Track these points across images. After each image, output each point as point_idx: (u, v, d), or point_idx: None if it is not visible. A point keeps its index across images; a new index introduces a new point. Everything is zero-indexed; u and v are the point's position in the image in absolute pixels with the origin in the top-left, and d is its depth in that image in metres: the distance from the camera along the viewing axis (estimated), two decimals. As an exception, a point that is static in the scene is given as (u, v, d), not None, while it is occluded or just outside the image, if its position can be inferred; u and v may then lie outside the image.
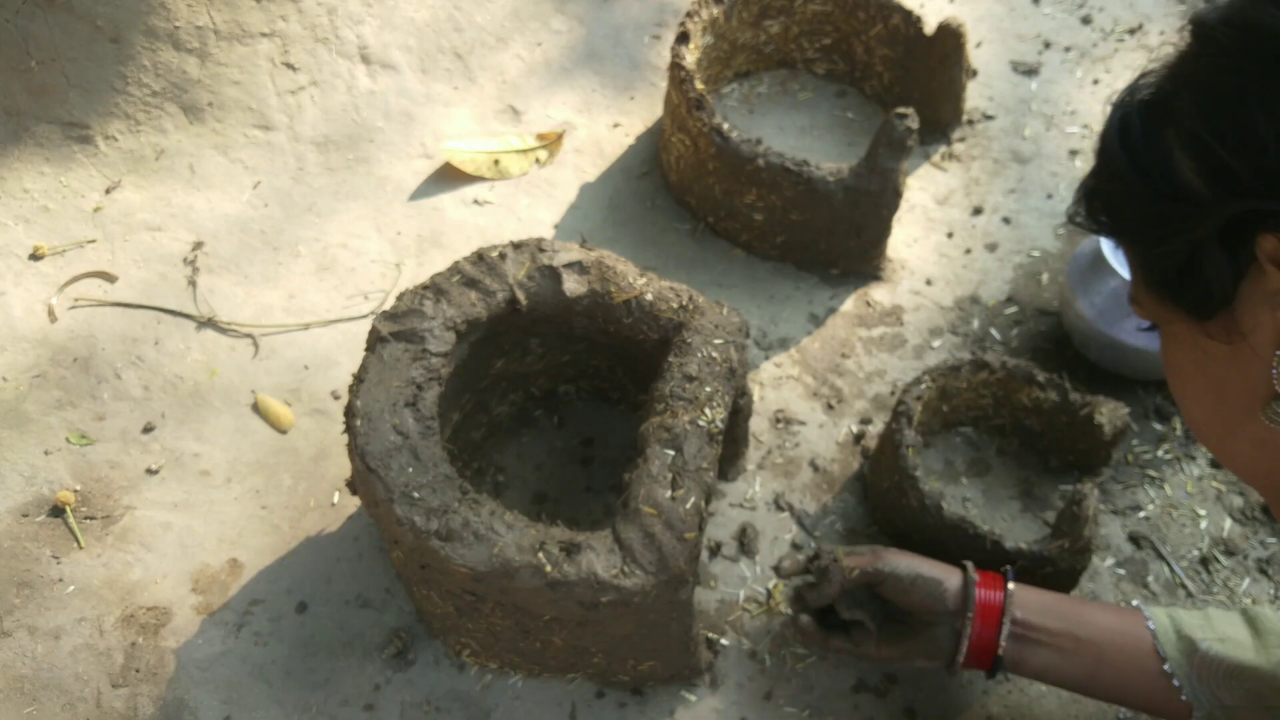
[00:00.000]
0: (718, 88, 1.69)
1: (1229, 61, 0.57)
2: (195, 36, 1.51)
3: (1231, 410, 0.65)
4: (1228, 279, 0.59)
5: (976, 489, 1.27)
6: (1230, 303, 0.60)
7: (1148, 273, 0.66)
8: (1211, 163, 0.58)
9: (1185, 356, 0.67)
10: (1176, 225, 0.60)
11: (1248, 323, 0.60)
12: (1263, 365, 0.60)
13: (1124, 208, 0.66)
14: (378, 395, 0.99)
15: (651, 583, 0.91)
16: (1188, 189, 0.59)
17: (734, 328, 1.08)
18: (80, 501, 1.19)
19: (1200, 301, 0.61)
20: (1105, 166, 0.67)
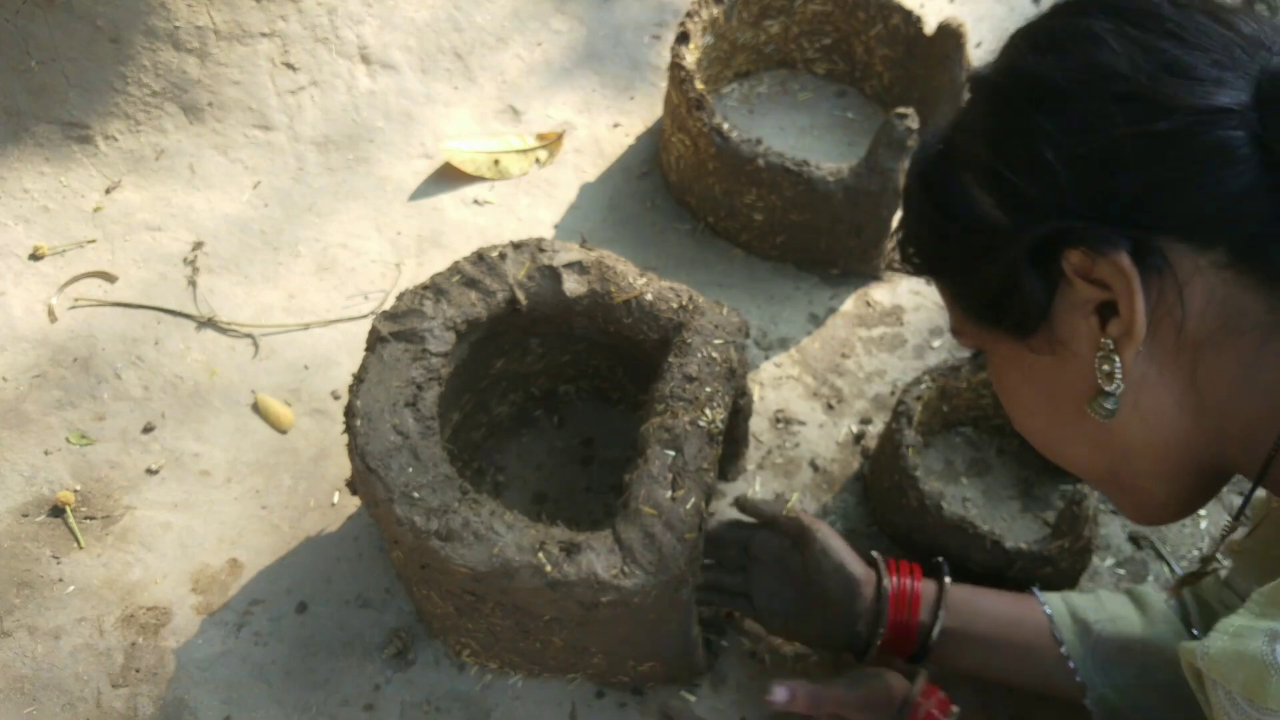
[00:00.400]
0: (718, 88, 1.69)
1: (1008, 105, 0.64)
2: (195, 36, 1.51)
3: (1065, 415, 0.69)
4: (1042, 296, 0.64)
5: (976, 489, 1.27)
6: (1047, 317, 0.65)
7: (966, 304, 0.71)
8: (1009, 194, 0.63)
9: (1014, 374, 0.72)
10: (987, 254, 0.66)
11: (1066, 332, 0.65)
12: (1086, 367, 0.64)
13: (936, 247, 0.72)
14: (378, 395, 0.99)
15: (651, 583, 0.91)
16: (992, 221, 0.65)
17: (734, 328, 1.08)
18: (80, 501, 1.19)
19: (1020, 320, 0.66)
20: (914, 215, 0.73)
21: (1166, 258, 0.59)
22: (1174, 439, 0.66)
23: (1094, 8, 0.64)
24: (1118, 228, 0.59)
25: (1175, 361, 0.62)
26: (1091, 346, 0.64)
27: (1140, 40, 0.60)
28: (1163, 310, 0.60)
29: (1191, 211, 0.58)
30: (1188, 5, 0.62)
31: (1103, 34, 0.61)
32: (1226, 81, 0.58)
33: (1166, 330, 0.61)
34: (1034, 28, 0.67)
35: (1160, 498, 0.71)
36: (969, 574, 1.15)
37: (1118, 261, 0.59)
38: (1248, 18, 0.62)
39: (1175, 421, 0.65)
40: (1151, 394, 0.64)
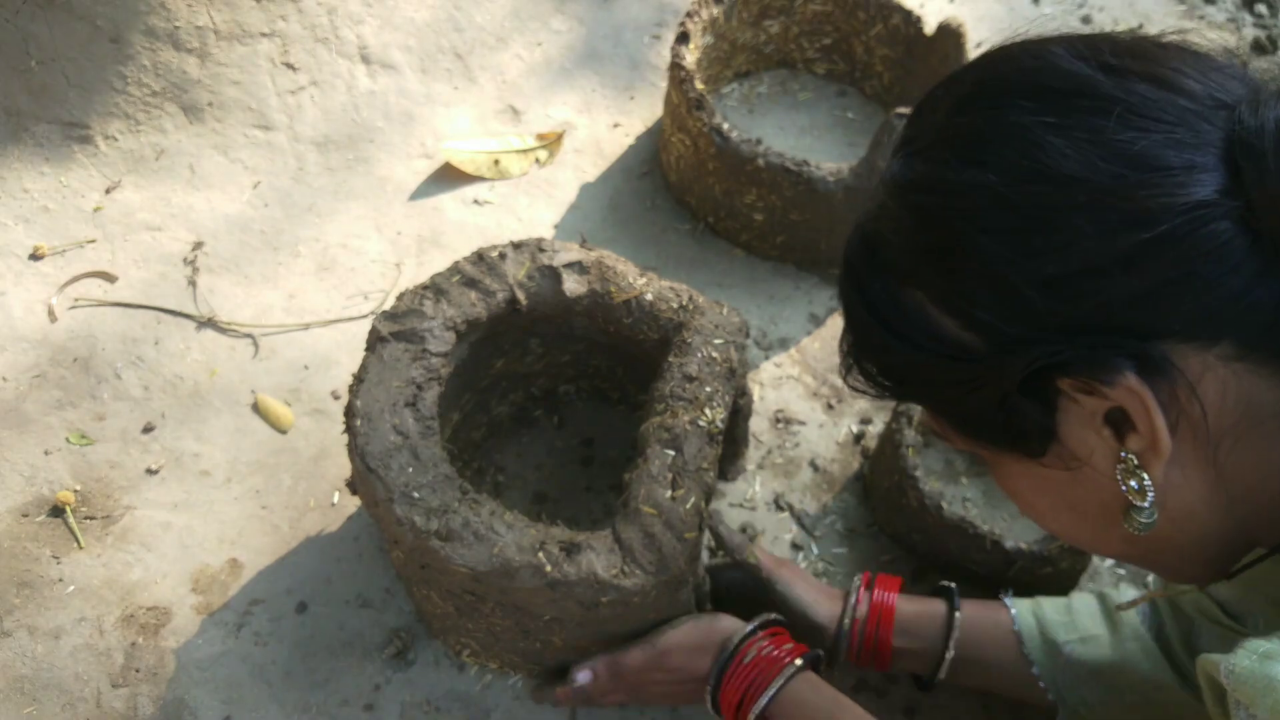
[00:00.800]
0: (718, 88, 1.69)
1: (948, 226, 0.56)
2: (195, 36, 1.51)
3: (1092, 522, 0.64)
4: (1043, 418, 0.58)
5: (976, 489, 1.27)
6: (1054, 436, 0.59)
7: (954, 424, 0.64)
8: (978, 323, 0.57)
9: (1024, 484, 0.65)
10: (968, 384, 0.59)
11: (1079, 447, 0.59)
12: (1108, 479, 0.59)
13: (904, 374, 0.63)
14: (378, 395, 0.99)
15: (651, 583, 0.91)
16: (964, 346, 0.58)
17: (734, 328, 1.08)
18: (80, 501, 1.19)
19: (1023, 444, 0.60)
20: (866, 337, 0.64)
21: (1173, 361, 0.54)
22: (1204, 531, 0.61)
23: (1012, 95, 0.56)
24: (1113, 343, 0.54)
25: (1198, 460, 0.58)
26: (1110, 460, 0.58)
27: (1083, 130, 0.53)
28: (1178, 414, 0.55)
29: (1189, 314, 0.53)
30: (1122, 71, 0.55)
31: (1037, 130, 0.54)
32: (1197, 165, 0.52)
33: (1185, 432, 0.56)
34: (951, 132, 0.58)
35: (1195, 571, 0.67)
36: (969, 574, 1.15)
37: (1125, 383, 0.54)
38: (1190, 68, 0.55)
39: (1205, 517, 0.60)
40: (1178, 495, 0.59)
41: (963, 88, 0.59)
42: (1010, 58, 0.60)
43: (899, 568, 1.20)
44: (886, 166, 0.62)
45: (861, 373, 0.66)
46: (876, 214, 0.62)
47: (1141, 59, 0.56)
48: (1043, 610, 0.98)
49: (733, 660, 0.92)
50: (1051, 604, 0.99)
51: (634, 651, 0.97)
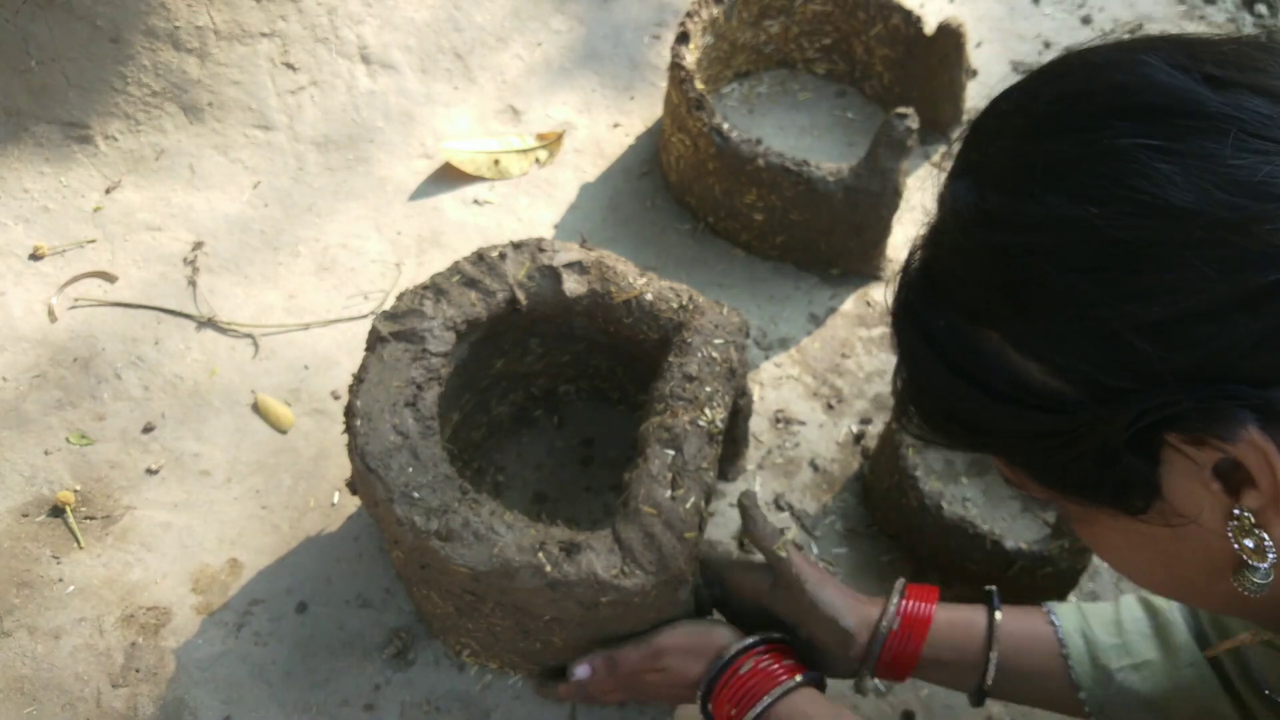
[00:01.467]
0: (718, 88, 1.69)
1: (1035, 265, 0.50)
2: (195, 36, 1.51)
3: (1191, 578, 0.59)
4: (1146, 474, 0.52)
5: (976, 489, 1.27)
6: (1158, 493, 0.53)
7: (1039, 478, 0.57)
8: (1069, 370, 0.51)
9: (1118, 541, 0.59)
10: (1059, 437, 0.53)
11: (1184, 503, 0.53)
12: (1217, 537, 0.53)
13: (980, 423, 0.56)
14: (378, 395, 0.99)
15: (651, 582, 0.91)
16: (1052, 394, 0.52)
17: (734, 328, 1.08)
18: (80, 501, 1.19)
19: (1122, 500, 0.54)
20: (917, 371, 0.57)
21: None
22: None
23: (1105, 114, 0.50)
24: (1232, 394, 0.48)
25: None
26: (1221, 516, 0.52)
27: (1195, 155, 0.47)
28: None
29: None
30: (1229, 84, 0.48)
31: (1140, 155, 0.47)
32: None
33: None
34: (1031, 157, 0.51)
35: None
36: (969, 574, 1.15)
37: (1246, 437, 0.48)
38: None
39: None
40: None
41: (1039, 105, 0.53)
42: (1095, 69, 0.52)
43: (899, 568, 1.20)
44: (945, 192, 0.55)
45: (921, 417, 0.59)
46: (937, 243, 0.56)
47: (1248, 69, 0.49)
48: (1092, 630, 0.90)
49: (727, 670, 0.91)
50: (1100, 621, 0.91)
51: (629, 649, 0.96)
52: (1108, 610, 0.92)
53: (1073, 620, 0.91)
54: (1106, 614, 0.92)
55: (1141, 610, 0.91)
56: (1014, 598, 1.15)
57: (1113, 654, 0.89)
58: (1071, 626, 0.91)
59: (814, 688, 0.91)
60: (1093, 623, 0.91)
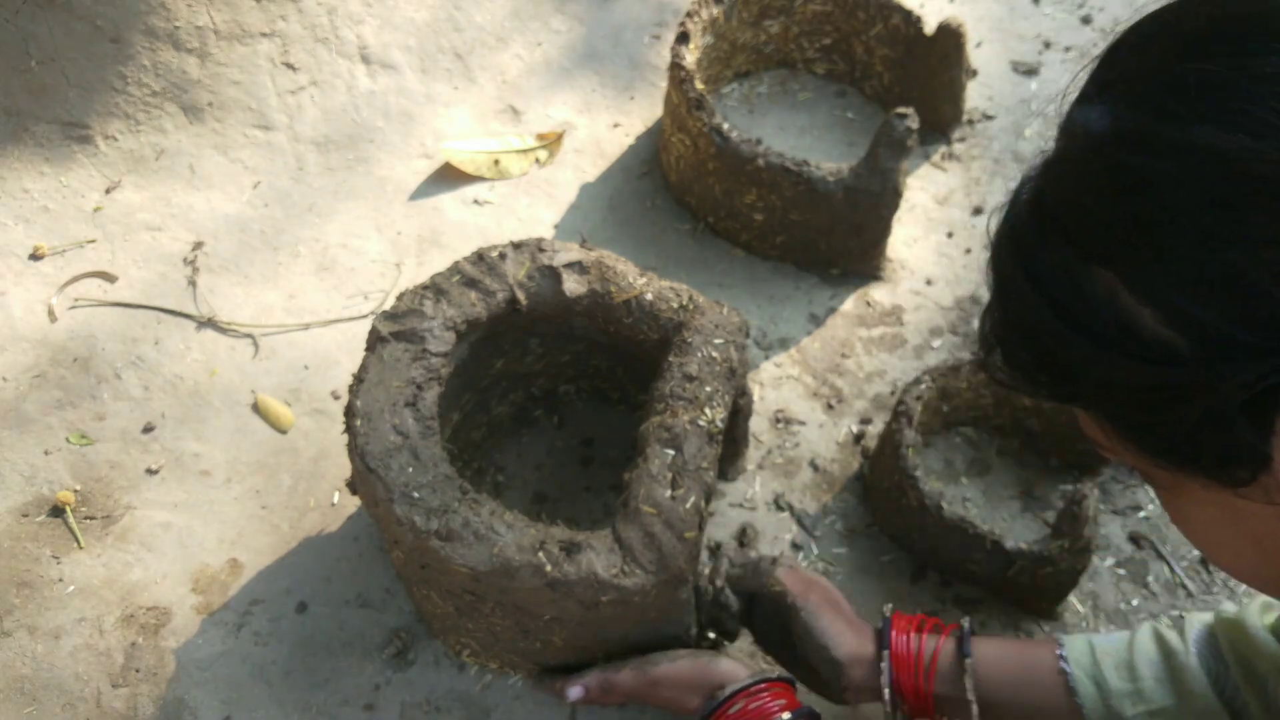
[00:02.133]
0: (718, 88, 1.69)
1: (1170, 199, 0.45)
2: (195, 36, 1.51)
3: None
4: (1257, 443, 0.47)
5: (976, 489, 1.27)
6: (1267, 465, 0.47)
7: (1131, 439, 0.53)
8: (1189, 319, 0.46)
9: (1206, 513, 0.55)
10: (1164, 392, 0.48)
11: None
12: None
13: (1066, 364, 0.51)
14: (378, 395, 0.99)
15: (651, 582, 0.91)
16: (1162, 345, 0.47)
17: (734, 328, 1.08)
18: (80, 501, 1.19)
19: (1224, 471, 0.49)
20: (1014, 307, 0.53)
21: None
22: None
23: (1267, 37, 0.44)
24: None
25: None
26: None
27: None
28: None
29: None
30: None
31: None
32: None
33: None
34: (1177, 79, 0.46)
35: None
36: (969, 574, 1.15)
37: None
38: None
39: None
40: None
41: (1190, 24, 0.48)
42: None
43: (899, 568, 1.20)
44: (1072, 115, 0.50)
45: (1007, 358, 0.54)
46: (1056, 172, 0.51)
47: None
48: (1104, 674, 0.87)
49: (719, 709, 0.90)
50: (1113, 662, 0.87)
51: (627, 673, 0.96)
52: (1121, 650, 0.88)
53: (1085, 661, 0.88)
54: (1120, 654, 0.88)
55: (1157, 653, 0.87)
56: (1014, 598, 1.16)
57: (1126, 700, 0.85)
58: (1083, 670, 0.87)
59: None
60: (1105, 665, 0.87)
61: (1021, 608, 1.16)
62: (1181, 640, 0.87)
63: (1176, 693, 0.84)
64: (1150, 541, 1.23)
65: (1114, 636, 0.90)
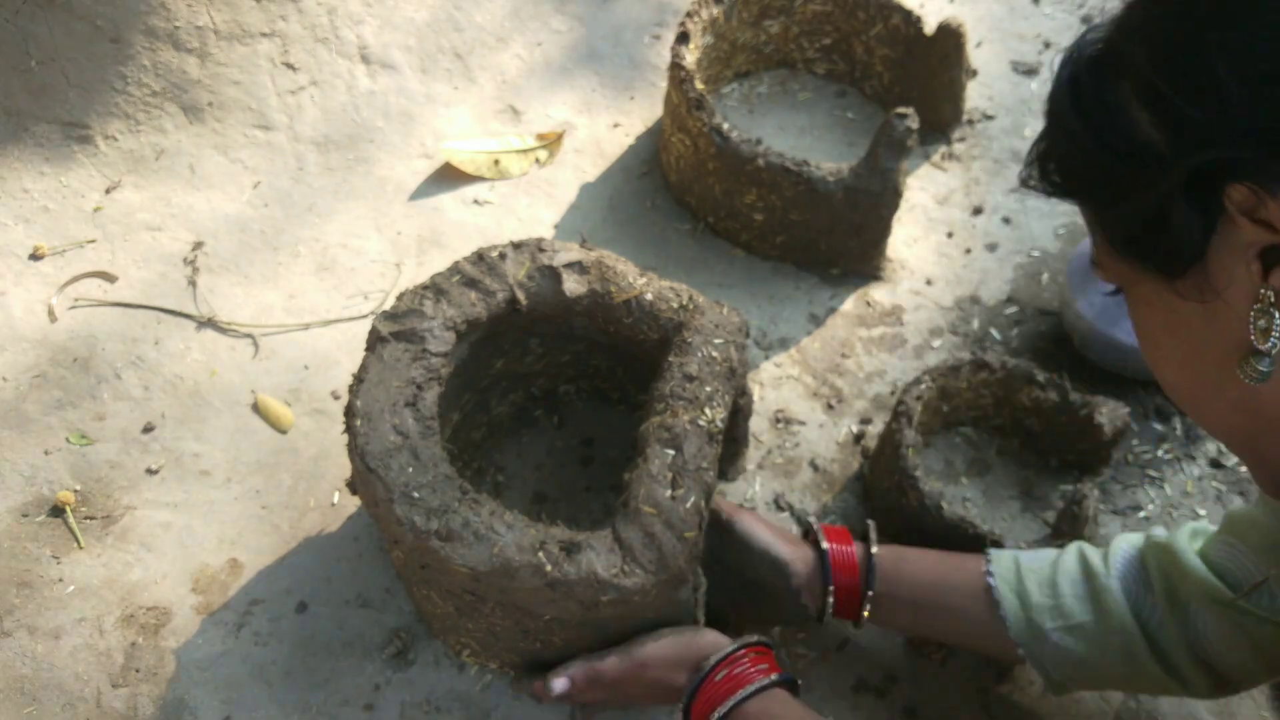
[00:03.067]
0: (718, 88, 1.69)
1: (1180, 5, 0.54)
2: (195, 36, 1.51)
3: (1209, 371, 0.62)
4: (1197, 234, 0.56)
5: (976, 489, 1.27)
6: (1201, 258, 0.57)
7: (1110, 233, 0.63)
8: (1169, 113, 0.55)
9: (1156, 319, 0.64)
10: (1137, 182, 0.57)
11: (1221, 278, 0.56)
12: (1239, 321, 0.57)
13: (1079, 167, 0.63)
14: (378, 395, 0.99)
15: (651, 582, 0.91)
16: (1146, 143, 0.56)
17: (734, 327, 1.08)
18: (80, 501, 1.19)
19: (1169, 259, 0.58)
20: (1057, 126, 0.64)
21: None
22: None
23: None
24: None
25: None
26: (1248, 297, 0.56)
27: None
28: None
29: None
30: None
31: None
32: None
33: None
34: None
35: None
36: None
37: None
38: None
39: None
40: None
41: None
42: None
43: (899, 568, 1.20)
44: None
45: (1041, 173, 0.65)
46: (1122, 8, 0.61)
47: None
48: (1026, 588, 0.95)
49: (704, 680, 0.92)
50: (1036, 579, 0.96)
51: (612, 660, 0.96)
52: (1045, 567, 0.96)
53: (1009, 576, 0.96)
54: (1043, 571, 0.96)
55: (1079, 572, 0.95)
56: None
57: (1046, 614, 0.93)
58: (1007, 584, 0.95)
59: (785, 689, 0.92)
60: (1028, 580, 0.95)
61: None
62: (1104, 563, 0.94)
63: (1094, 610, 0.92)
64: (1150, 541, 1.23)
65: (1040, 553, 0.98)
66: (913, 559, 1.01)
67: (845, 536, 1.03)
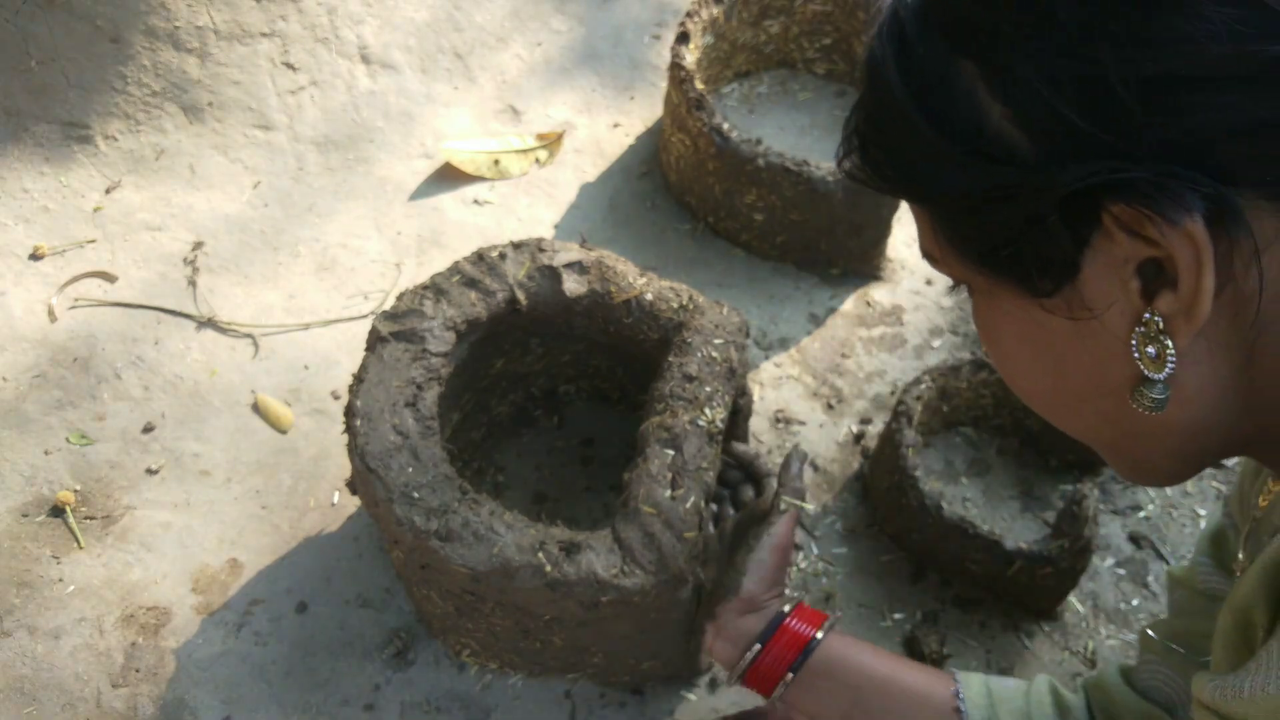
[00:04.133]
0: (718, 88, 1.69)
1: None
2: (195, 36, 1.51)
3: (1073, 387, 0.55)
4: (1070, 252, 0.48)
5: (976, 489, 1.27)
6: (1074, 276, 0.49)
7: (956, 241, 0.53)
8: (1037, 114, 0.46)
9: (1010, 327, 0.55)
10: (994, 191, 0.48)
11: (1095, 295, 0.49)
12: (1116, 344, 0.50)
13: (915, 162, 0.51)
14: (378, 395, 0.99)
15: (651, 582, 0.91)
16: (1003, 142, 0.47)
17: (734, 328, 1.08)
18: (80, 501, 1.19)
19: (1032, 277, 0.50)
20: (879, 99, 0.52)
21: (1245, 219, 0.44)
22: (1209, 422, 0.52)
23: None
24: (1190, 179, 0.43)
25: (1231, 339, 0.49)
26: (1128, 319, 0.49)
27: None
28: (1228, 281, 0.46)
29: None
30: None
31: None
32: None
33: (1226, 304, 0.47)
34: None
35: (1163, 469, 0.58)
36: (969, 574, 1.15)
37: (1188, 226, 0.44)
38: None
39: (1216, 404, 0.51)
40: (1194, 373, 0.50)
41: None
42: None
43: (899, 568, 1.20)
44: None
45: (865, 159, 0.55)
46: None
47: None
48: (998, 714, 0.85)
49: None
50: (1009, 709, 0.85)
51: None
52: (1017, 699, 0.87)
53: (981, 703, 0.86)
54: (1016, 703, 0.86)
55: (1051, 707, 0.86)
56: (1014, 598, 1.16)
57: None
58: (979, 712, 0.85)
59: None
60: (1000, 712, 0.85)
61: (1021, 608, 1.16)
62: (1079, 701, 0.86)
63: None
64: (1150, 541, 1.23)
65: (1009, 683, 0.89)
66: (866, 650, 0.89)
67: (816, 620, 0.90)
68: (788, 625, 0.88)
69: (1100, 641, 1.15)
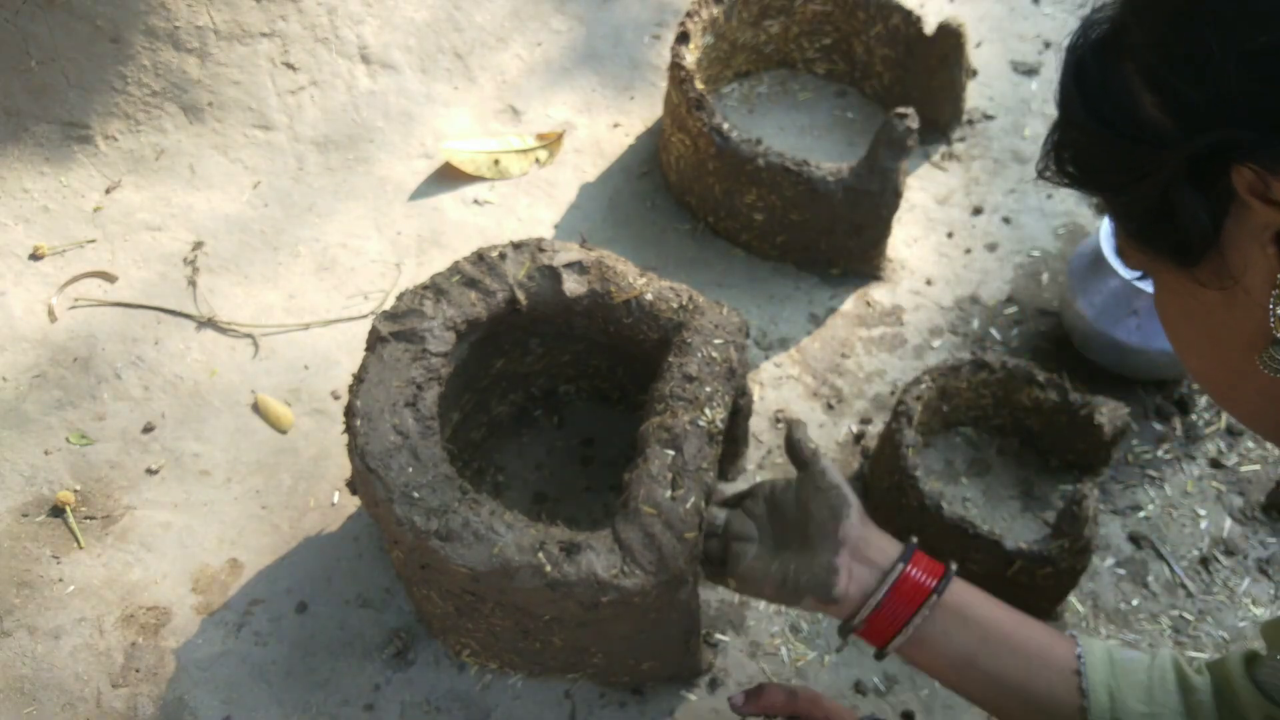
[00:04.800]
0: (718, 88, 1.69)
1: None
2: (195, 36, 1.51)
3: (1232, 360, 0.60)
4: (1205, 220, 0.54)
5: (976, 489, 1.27)
6: (1216, 245, 0.55)
7: (1124, 221, 0.61)
8: (1171, 95, 0.53)
9: (1178, 306, 0.62)
10: (1142, 167, 0.55)
11: (1238, 265, 0.54)
12: (1259, 309, 0.54)
13: (1091, 155, 0.60)
14: (378, 395, 0.99)
15: (651, 582, 0.91)
16: (1152, 126, 0.54)
17: (734, 328, 1.08)
18: (80, 501, 1.19)
19: (1181, 247, 0.56)
20: (1066, 114, 0.61)
21: None
22: None
23: None
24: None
25: None
26: (1266, 282, 0.53)
27: None
28: None
29: None
30: None
31: None
32: None
33: None
34: None
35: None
36: (969, 574, 1.15)
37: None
38: None
39: None
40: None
41: None
42: None
43: (899, 568, 1.20)
44: None
45: (1056, 163, 0.63)
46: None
47: None
48: (1120, 690, 0.85)
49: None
50: (1130, 681, 0.85)
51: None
52: (1140, 670, 0.86)
53: (1102, 669, 0.86)
54: (1138, 674, 0.86)
55: (1175, 684, 0.85)
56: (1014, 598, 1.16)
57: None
58: (1100, 677, 0.86)
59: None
60: (1122, 683, 0.85)
61: (1021, 608, 1.16)
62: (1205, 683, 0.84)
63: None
64: (1150, 541, 1.23)
65: (1132, 654, 0.88)
66: (989, 603, 0.90)
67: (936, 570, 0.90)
68: (909, 575, 0.88)
69: (1100, 641, 1.15)
